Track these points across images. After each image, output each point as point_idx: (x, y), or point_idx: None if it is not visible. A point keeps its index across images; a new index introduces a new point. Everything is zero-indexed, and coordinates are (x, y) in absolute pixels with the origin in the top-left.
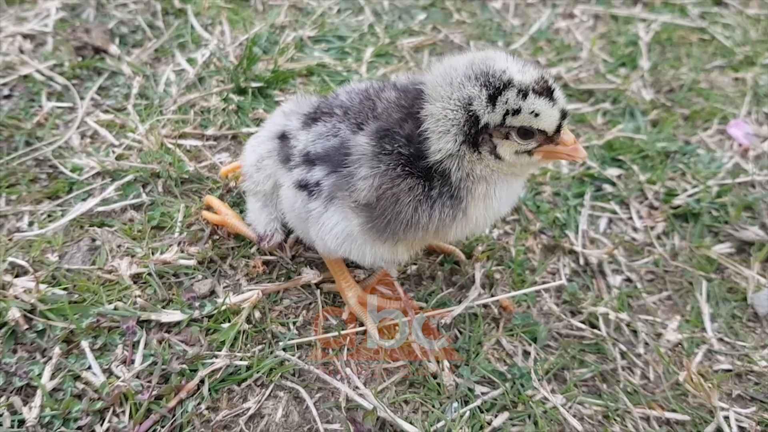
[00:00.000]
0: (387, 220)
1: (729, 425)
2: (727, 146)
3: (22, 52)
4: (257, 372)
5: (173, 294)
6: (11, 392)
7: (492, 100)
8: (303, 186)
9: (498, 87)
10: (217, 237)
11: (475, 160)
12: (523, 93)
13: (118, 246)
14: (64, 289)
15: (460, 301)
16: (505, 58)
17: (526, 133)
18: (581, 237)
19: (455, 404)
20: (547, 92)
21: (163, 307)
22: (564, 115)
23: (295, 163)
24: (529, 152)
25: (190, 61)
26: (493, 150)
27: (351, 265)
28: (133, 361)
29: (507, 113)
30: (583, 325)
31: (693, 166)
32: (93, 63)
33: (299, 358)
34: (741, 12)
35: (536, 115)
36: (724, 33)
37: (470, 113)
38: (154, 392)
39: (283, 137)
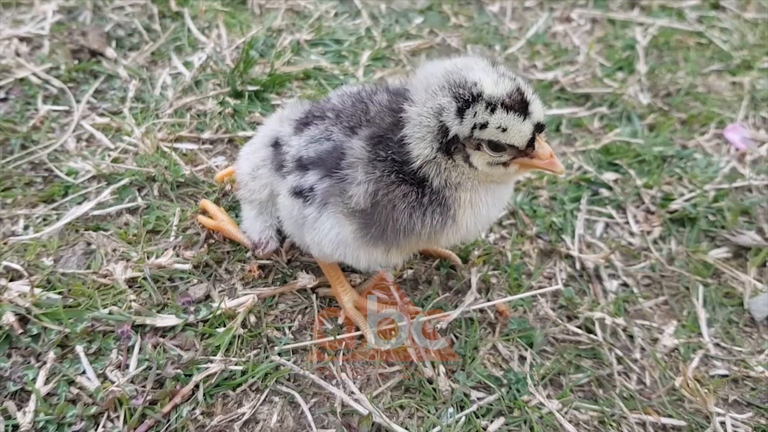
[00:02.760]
0: (383, 226)
1: (725, 431)
2: (724, 150)
3: (18, 54)
4: (252, 377)
5: (168, 298)
6: (5, 397)
7: (460, 112)
8: (298, 193)
9: (467, 100)
10: (213, 241)
11: (451, 167)
12: (492, 107)
13: (114, 250)
14: (59, 293)
15: (456, 306)
16: (482, 69)
17: (496, 146)
18: (578, 241)
19: (451, 409)
20: (518, 106)
21: (158, 312)
22: (540, 128)
23: (288, 169)
24: (504, 164)
25: (187, 64)
26: (466, 159)
27: (347, 270)
28: (127, 366)
29: (475, 126)
30: (579, 330)
31: (690, 171)
32: (89, 66)
33: (295, 363)
34: (738, 16)
35: (504, 130)
36: (721, 37)
37: (441, 122)
38: (148, 397)
39: (277, 144)
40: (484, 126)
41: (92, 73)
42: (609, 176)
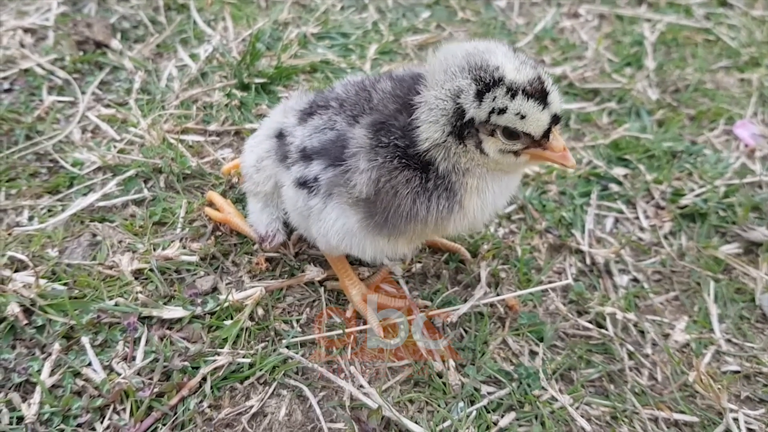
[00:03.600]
0: (387, 214)
1: (738, 427)
2: (733, 147)
3: (23, 46)
4: (260, 370)
5: (175, 290)
6: (10, 388)
7: (480, 95)
8: (302, 183)
9: (488, 83)
10: (220, 233)
11: (461, 152)
12: (512, 93)
13: (119, 241)
14: (65, 284)
15: (465, 300)
16: (504, 53)
17: (511, 133)
18: (587, 236)
19: (461, 404)
20: (539, 95)
21: (165, 304)
22: (556, 119)
23: (293, 160)
24: (516, 153)
25: (193, 56)
26: (478, 144)
27: (355, 263)
28: (134, 358)
29: (493, 111)
30: (590, 325)
31: (700, 166)
32: (94, 57)
33: (303, 356)
34: (746, 13)
35: (522, 117)
36: (729, 34)
37: (458, 105)
38: (155, 389)
39: (281, 135)
40: (502, 111)
41: (97, 65)
42: (619, 171)
